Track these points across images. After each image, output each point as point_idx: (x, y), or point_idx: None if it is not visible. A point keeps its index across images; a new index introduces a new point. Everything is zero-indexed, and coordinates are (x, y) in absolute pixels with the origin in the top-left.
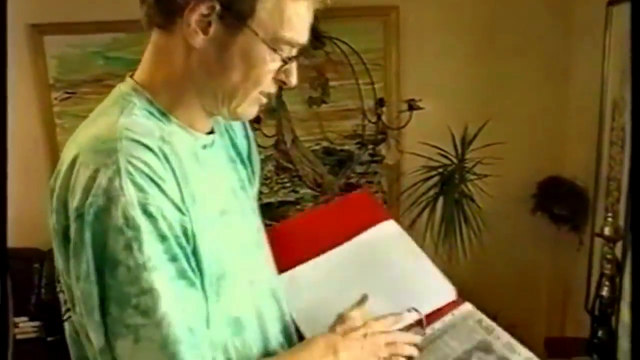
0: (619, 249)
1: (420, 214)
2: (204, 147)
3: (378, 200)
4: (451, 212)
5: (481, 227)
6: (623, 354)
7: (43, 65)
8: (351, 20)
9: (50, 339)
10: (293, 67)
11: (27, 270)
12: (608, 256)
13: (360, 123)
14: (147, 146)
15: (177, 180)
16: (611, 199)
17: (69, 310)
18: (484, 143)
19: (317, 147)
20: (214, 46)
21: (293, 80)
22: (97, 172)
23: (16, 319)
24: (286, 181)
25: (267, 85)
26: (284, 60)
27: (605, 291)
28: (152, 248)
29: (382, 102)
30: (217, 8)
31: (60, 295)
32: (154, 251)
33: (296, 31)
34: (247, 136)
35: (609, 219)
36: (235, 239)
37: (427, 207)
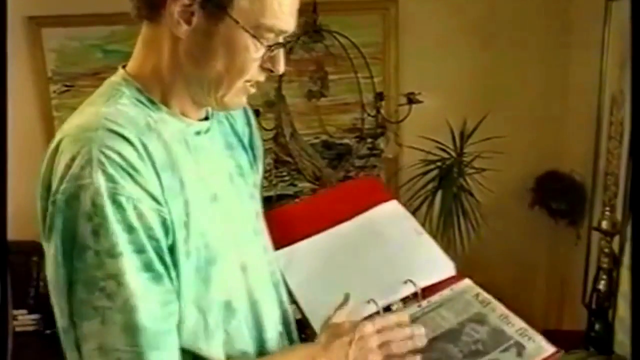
0: (617, 243)
1: (418, 208)
2: (198, 134)
3: (383, 184)
4: (449, 206)
5: (479, 221)
6: (619, 347)
7: (41, 58)
8: (350, 13)
9: (49, 332)
10: (279, 55)
11: (26, 263)
12: (605, 250)
13: (359, 117)
14: (124, 136)
15: (157, 170)
16: (609, 194)
17: None
18: (483, 137)
19: (316, 141)
20: (198, 36)
21: (280, 68)
22: (73, 161)
23: (15, 312)
24: (285, 175)
25: (254, 74)
26: (268, 48)
27: (602, 285)
28: (118, 237)
29: (381, 96)
30: None
31: None
32: (120, 240)
33: (279, 18)
34: (249, 123)
35: (607, 213)
36: (228, 225)
37: (426, 201)
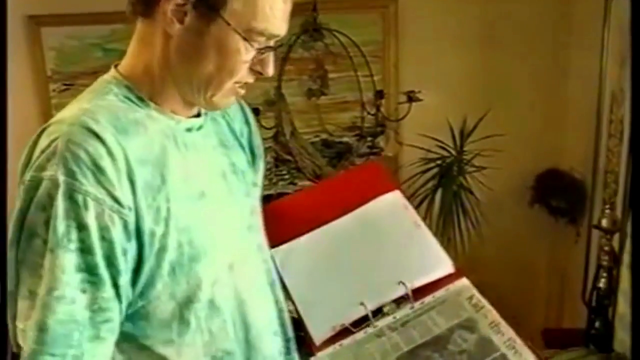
0: (617, 241)
1: (418, 206)
2: (189, 130)
3: (387, 171)
4: (449, 204)
5: (479, 219)
6: (620, 345)
7: (41, 57)
8: (350, 12)
9: None
10: (269, 58)
11: None
12: (605, 248)
13: (359, 115)
14: (96, 134)
15: (131, 167)
16: (609, 191)
17: None
18: (483, 135)
19: (316, 139)
20: (190, 36)
21: (269, 70)
22: (42, 152)
23: None
24: (285, 173)
25: (243, 75)
26: (258, 51)
27: (602, 283)
28: (66, 233)
29: (381, 94)
30: None
31: None
32: (66, 237)
33: (270, 22)
34: (248, 122)
35: (607, 211)
36: (216, 222)
37: (426, 200)
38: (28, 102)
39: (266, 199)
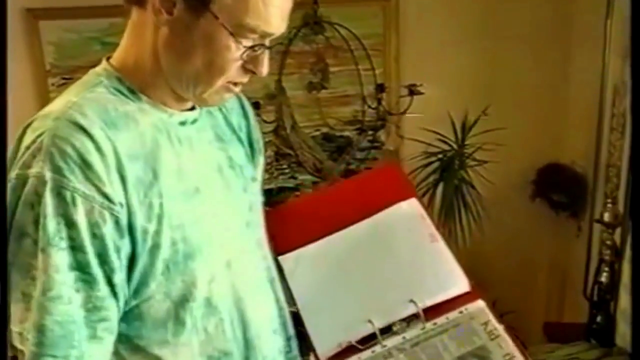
0: (618, 235)
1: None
2: (182, 124)
3: (405, 174)
4: (451, 198)
5: (481, 213)
6: (621, 339)
7: (39, 50)
8: (351, 5)
9: None
10: (263, 57)
11: None
12: (607, 242)
13: (360, 109)
14: (83, 128)
15: (121, 163)
16: (611, 186)
17: None
18: (484, 129)
19: (317, 133)
20: (178, 28)
21: (262, 70)
22: (28, 148)
23: None
24: (285, 167)
25: (235, 74)
26: (250, 48)
27: (604, 277)
28: (55, 231)
29: (382, 88)
30: None
31: None
32: (56, 235)
33: (263, 20)
34: (246, 116)
35: (609, 205)
36: (212, 218)
37: (427, 193)
38: (27, 97)
39: (266, 193)
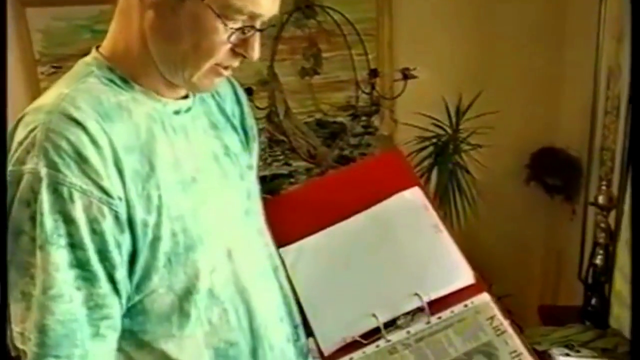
0: (613, 218)
1: None
2: (177, 113)
3: (408, 162)
4: (445, 183)
5: (475, 198)
6: (615, 321)
7: (27, 38)
8: None
9: None
10: (253, 40)
11: None
12: (602, 225)
13: (353, 94)
14: (77, 121)
15: (118, 156)
16: (605, 168)
17: None
18: (478, 113)
19: (310, 120)
20: (164, 10)
21: (254, 54)
22: (20, 144)
23: None
24: (279, 154)
25: (224, 57)
26: (240, 31)
27: (598, 259)
28: (53, 228)
29: (376, 73)
30: None
31: None
32: (54, 232)
33: (250, 0)
34: (239, 102)
35: (603, 188)
36: (211, 207)
37: (422, 178)
38: (16, 86)
39: (260, 181)
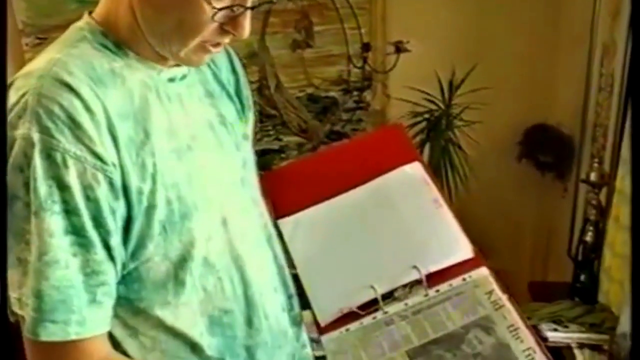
0: (604, 195)
1: None
2: (171, 80)
3: (409, 137)
4: (437, 159)
5: (467, 174)
6: (604, 297)
7: (9, 8)
8: None
9: None
10: (243, 18)
11: None
12: (593, 202)
13: (345, 68)
14: (70, 86)
15: (112, 122)
16: (597, 145)
17: None
18: (471, 88)
19: (302, 94)
20: None
21: (243, 32)
22: (12, 109)
23: None
24: (270, 129)
25: (212, 35)
26: (228, 8)
27: (589, 236)
28: (47, 194)
29: (368, 47)
30: None
31: None
32: (49, 198)
33: None
34: (235, 71)
35: (595, 165)
36: (205, 176)
37: None
38: None
39: None
